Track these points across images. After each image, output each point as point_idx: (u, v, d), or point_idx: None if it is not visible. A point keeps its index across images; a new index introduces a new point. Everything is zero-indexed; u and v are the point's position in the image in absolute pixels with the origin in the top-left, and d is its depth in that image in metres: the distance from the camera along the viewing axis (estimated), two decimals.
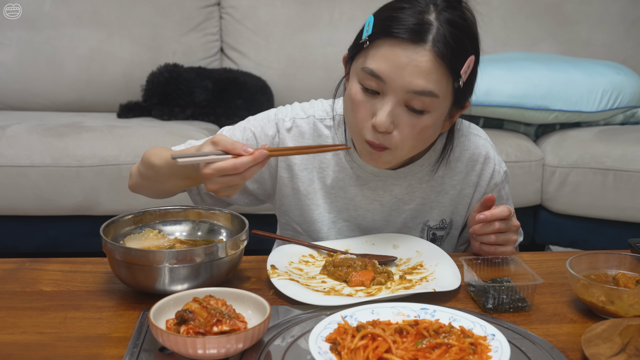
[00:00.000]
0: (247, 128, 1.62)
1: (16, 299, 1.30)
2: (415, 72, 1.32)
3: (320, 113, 1.59)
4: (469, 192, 1.62)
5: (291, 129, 1.58)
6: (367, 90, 1.37)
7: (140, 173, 1.57)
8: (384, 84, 1.35)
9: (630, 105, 3.15)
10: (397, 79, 1.33)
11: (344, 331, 1.06)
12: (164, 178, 1.49)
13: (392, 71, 1.33)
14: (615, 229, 2.97)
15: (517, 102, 3.01)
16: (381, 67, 1.34)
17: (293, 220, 1.65)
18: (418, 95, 1.34)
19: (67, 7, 3.48)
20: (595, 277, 1.32)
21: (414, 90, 1.33)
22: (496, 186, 1.63)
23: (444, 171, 1.59)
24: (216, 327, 1.08)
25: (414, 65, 1.32)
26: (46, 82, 3.46)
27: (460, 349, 1.01)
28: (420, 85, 1.33)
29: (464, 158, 1.60)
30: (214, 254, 1.26)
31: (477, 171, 1.61)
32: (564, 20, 3.68)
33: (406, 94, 1.34)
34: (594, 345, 1.10)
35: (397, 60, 1.33)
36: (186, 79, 3.29)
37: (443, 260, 1.45)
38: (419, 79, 1.33)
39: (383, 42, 1.35)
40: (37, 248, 2.93)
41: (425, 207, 1.61)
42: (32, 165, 2.77)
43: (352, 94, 1.40)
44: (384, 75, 1.34)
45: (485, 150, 1.61)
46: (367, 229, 1.62)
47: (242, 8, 3.60)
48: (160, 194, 1.60)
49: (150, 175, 1.52)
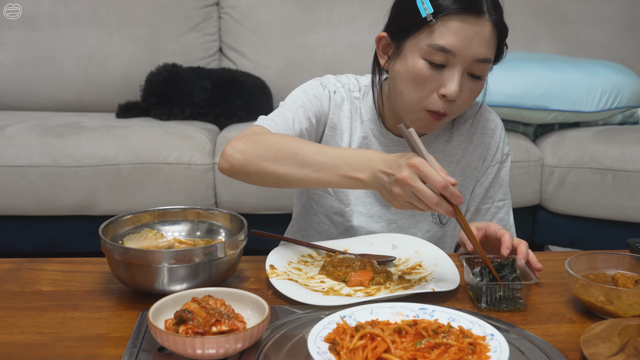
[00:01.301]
0: (307, 92, 1.64)
1: (15, 299, 1.30)
2: (481, 43, 1.43)
3: (351, 85, 1.68)
4: (477, 166, 1.70)
5: (336, 92, 1.66)
6: (433, 65, 1.45)
7: (263, 155, 1.41)
8: (453, 56, 1.43)
9: (629, 105, 3.15)
10: (467, 51, 1.43)
11: (343, 331, 1.06)
12: (320, 167, 1.36)
13: (462, 44, 1.42)
14: (614, 229, 2.97)
15: (516, 102, 3.01)
16: (451, 42, 1.42)
17: None
18: (480, 62, 1.45)
19: (66, 7, 3.48)
20: (594, 277, 1.32)
21: (479, 58, 1.44)
22: (497, 163, 1.71)
23: (457, 142, 1.69)
24: (215, 327, 1.07)
25: (480, 37, 1.43)
26: (45, 82, 3.46)
27: (459, 349, 1.01)
28: (484, 53, 1.44)
29: (474, 131, 1.70)
30: (212, 254, 1.26)
31: (485, 144, 1.70)
32: (563, 21, 3.68)
33: (471, 63, 1.45)
34: (592, 345, 1.10)
35: (466, 34, 1.42)
36: (185, 79, 3.29)
37: (442, 260, 1.45)
38: (483, 48, 1.44)
39: (449, 17, 1.42)
40: (36, 248, 2.93)
41: None
42: (31, 165, 2.77)
43: (417, 69, 1.46)
44: (454, 49, 1.42)
45: (495, 124, 1.72)
46: None
47: (241, 8, 3.60)
48: (280, 181, 1.42)
49: (294, 161, 1.38)
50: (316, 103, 1.62)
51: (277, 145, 1.41)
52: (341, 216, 1.70)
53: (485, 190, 1.71)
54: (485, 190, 1.71)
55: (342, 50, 3.54)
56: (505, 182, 1.73)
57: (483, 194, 1.71)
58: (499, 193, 1.72)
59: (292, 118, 1.55)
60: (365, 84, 1.68)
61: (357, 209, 1.69)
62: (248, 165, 1.42)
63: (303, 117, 1.57)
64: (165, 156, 2.82)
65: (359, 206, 1.69)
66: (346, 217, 1.70)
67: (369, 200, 1.69)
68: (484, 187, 1.71)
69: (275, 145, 1.41)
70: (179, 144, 2.86)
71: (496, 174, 1.71)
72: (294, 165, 1.38)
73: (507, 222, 1.73)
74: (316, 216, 1.73)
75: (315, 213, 1.73)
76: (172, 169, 2.81)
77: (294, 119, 1.55)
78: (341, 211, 1.70)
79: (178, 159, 2.82)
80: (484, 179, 1.70)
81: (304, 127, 1.56)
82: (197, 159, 2.82)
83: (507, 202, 1.73)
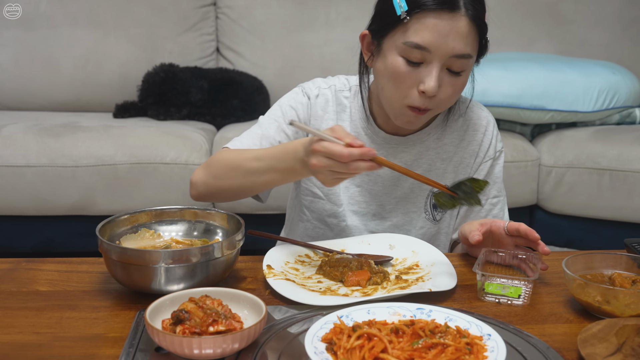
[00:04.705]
0: (282, 105, 1.69)
1: (12, 299, 1.30)
2: (457, 38, 1.43)
3: (339, 85, 1.70)
4: (470, 162, 1.71)
5: (318, 96, 1.68)
6: (410, 62, 1.46)
7: (216, 176, 1.56)
8: (429, 53, 1.44)
9: (626, 105, 3.15)
10: (442, 47, 1.43)
11: (340, 331, 1.06)
12: (263, 170, 1.47)
13: (437, 41, 1.42)
14: (611, 229, 2.97)
15: (513, 102, 3.01)
16: (426, 39, 1.43)
17: (314, 184, 1.71)
18: (458, 58, 1.45)
19: (63, 7, 3.47)
20: (591, 277, 1.32)
21: (456, 54, 1.44)
22: (489, 160, 1.71)
23: (449, 139, 1.70)
24: (212, 327, 1.07)
25: (456, 32, 1.42)
26: (42, 82, 3.46)
27: (456, 349, 1.01)
28: (462, 49, 1.44)
29: (467, 127, 1.70)
30: (210, 253, 1.26)
31: (477, 141, 1.71)
32: (560, 20, 3.68)
33: (449, 59, 1.45)
34: (590, 345, 1.10)
35: (440, 30, 1.42)
36: (182, 78, 3.29)
37: (439, 260, 1.45)
38: (460, 44, 1.43)
39: (423, 15, 1.43)
40: (33, 248, 2.92)
41: (431, 174, 1.68)
42: (28, 165, 2.77)
43: (394, 67, 1.47)
44: (429, 46, 1.43)
45: (487, 121, 1.72)
46: (376, 194, 1.69)
47: (238, 8, 3.60)
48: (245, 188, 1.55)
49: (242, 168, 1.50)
50: (291, 114, 1.66)
51: (223, 163, 1.55)
52: (335, 217, 1.71)
53: None
54: None
55: (339, 50, 3.54)
56: (499, 179, 1.73)
57: None
58: (493, 190, 1.72)
59: (260, 134, 1.63)
60: (355, 83, 1.69)
61: (350, 208, 1.70)
62: (210, 188, 1.57)
63: (275, 132, 1.63)
64: (163, 156, 2.81)
65: (353, 205, 1.70)
66: (340, 218, 1.71)
67: (363, 199, 1.70)
68: None
69: (222, 164, 1.55)
70: (176, 144, 2.86)
71: (489, 171, 1.71)
72: (241, 177, 1.51)
73: (502, 218, 1.73)
74: (309, 222, 1.74)
75: (308, 219, 1.74)
76: (170, 169, 2.81)
77: (262, 136, 1.62)
78: (335, 213, 1.71)
79: (175, 159, 2.81)
80: (476, 176, 1.70)
81: (275, 141, 1.61)
82: (195, 159, 2.82)
83: (501, 199, 1.74)
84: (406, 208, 1.70)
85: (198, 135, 2.96)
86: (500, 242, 1.49)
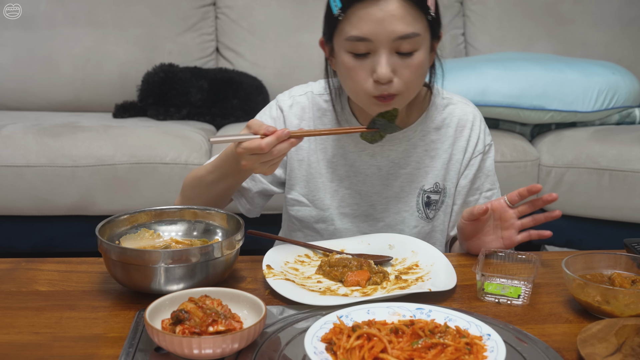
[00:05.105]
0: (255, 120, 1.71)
1: (12, 299, 1.30)
2: (393, 22, 1.44)
3: (317, 89, 1.74)
4: (459, 158, 1.71)
5: (292, 105, 1.71)
6: (358, 55, 1.48)
7: (188, 196, 1.68)
8: (371, 42, 1.46)
9: (626, 105, 3.15)
10: (381, 34, 1.44)
11: (340, 331, 1.06)
12: (218, 179, 1.60)
13: (374, 29, 1.44)
14: (610, 229, 2.97)
15: (512, 102, 3.01)
16: (363, 29, 1.45)
17: (300, 193, 1.72)
18: (403, 39, 1.45)
19: (62, 7, 3.47)
20: (591, 277, 1.32)
21: (398, 36, 1.45)
22: (479, 154, 1.71)
23: (436, 136, 1.70)
24: (212, 327, 1.07)
25: (390, 16, 1.44)
26: (42, 82, 3.45)
27: (455, 349, 1.01)
28: (402, 30, 1.45)
29: (453, 124, 1.71)
30: (209, 253, 1.26)
31: (465, 136, 1.71)
32: (560, 20, 3.68)
33: (393, 43, 1.45)
34: (589, 345, 1.10)
35: (374, 18, 1.44)
36: (182, 78, 3.29)
37: (438, 260, 1.45)
38: (398, 25, 1.44)
39: (356, 8, 1.45)
40: (33, 248, 2.92)
41: (420, 171, 1.69)
42: (27, 165, 2.77)
43: (345, 63, 1.51)
44: (368, 36, 1.45)
45: (473, 116, 1.73)
46: (366, 195, 1.70)
47: (238, 8, 3.60)
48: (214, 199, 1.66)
49: (203, 183, 1.63)
50: None
51: (188, 184, 1.67)
52: (323, 222, 1.72)
53: (470, 182, 1.71)
54: (470, 182, 1.71)
55: None
56: (491, 172, 1.74)
57: (469, 186, 1.71)
58: (486, 183, 1.73)
59: None
60: (336, 85, 1.71)
61: (342, 210, 1.71)
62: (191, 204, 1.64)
63: None
64: (162, 156, 2.81)
65: (344, 208, 1.71)
66: (328, 222, 1.72)
67: (354, 201, 1.71)
68: (468, 179, 1.71)
69: (188, 185, 1.67)
70: (176, 144, 2.86)
71: (480, 166, 1.71)
72: (205, 191, 1.63)
73: None
74: (300, 231, 1.75)
75: (298, 228, 1.75)
76: (169, 169, 2.81)
77: None
78: (322, 218, 1.72)
79: (175, 159, 2.81)
80: (467, 171, 1.71)
81: None
82: (194, 159, 2.82)
83: (495, 192, 1.74)
84: (398, 207, 1.70)
85: (198, 135, 2.96)
86: (503, 217, 1.53)
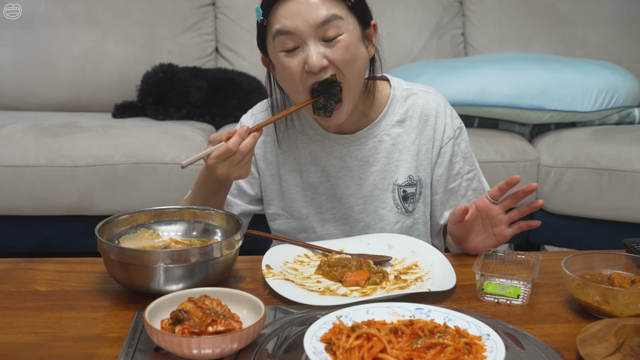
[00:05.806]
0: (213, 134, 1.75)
1: (11, 299, 1.30)
2: (311, 10, 1.47)
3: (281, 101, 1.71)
4: (429, 148, 1.69)
5: (254, 123, 1.72)
6: (289, 52, 1.50)
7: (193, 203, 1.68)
8: (296, 35, 1.48)
9: (625, 105, 3.15)
10: (303, 24, 1.47)
11: (339, 331, 1.06)
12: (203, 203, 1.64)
13: (295, 20, 1.47)
14: (610, 228, 2.97)
15: (512, 102, 3.01)
16: (286, 23, 1.48)
17: (278, 207, 1.74)
18: (325, 25, 1.47)
19: (62, 7, 3.47)
20: (590, 277, 1.32)
21: (319, 22, 1.47)
22: (450, 140, 1.69)
23: (400, 129, 1.69)
24: (211, 327, 1.07)
25: (307, 5, 1.47)
26: (41, 82, 3.46)
27: (455, 349, 1.01)
28: (323, 15, 1.47)
29: (416, 114, 1.69)
30: (209, 254, 1.26)
31: (431, 125, 1.69)
32: (559, 20, 3.68)
33: (317, 30, 1.47)
34: (589, 345, 1.10)
35: (293, 11, 1.47)
36: (181, 78, 3.29)
37: (438, 260, 1.45)
38: (317, 11, 1.47)
39: (275, 8, 1.49)
40: (32, 248, 2.92)
41: (390, 166, 1.68)
42: (27, 165, 2.76)
43: (280, 63, 1.52)
44: (291, 28, 1.47)
45: (436, 104, 1.70)
46: (342, 197, 1.69)
47: (237, 8, 3.60)
48: None
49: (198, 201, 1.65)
50: None
51: None
52: (305, 232, 1.73)
53: (446, 169, 1.69)
54: (446, 169, 1.69)
55: None
56: (468, 154, 1.72)
57: (447, 174, 1.70)
58: (465, 166, 1.71)
59: None
60: None
61: (322, 217, 1.71)
62: None
63: None
64: (162, 156, 2.81)
65: (324, 213, 1.71)
66: (310, 231, 1.72)
67: (331, 205, 1.71)
68: (444, 167, 1.69)
69: None
70: (175, 143, 2.86)
71: (454, 150, 1.69)
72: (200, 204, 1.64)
73: (483, 189, 1.73)
74: (287, 244, 1.74)
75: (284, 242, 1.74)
76: (169, 169, 2.81)
77: None
78: (302, 227, 1.72)
79: (174, 159, 2.81)
80: (441, 159, 1.69)
81: None
82: None
83: (476, 172, 1.73)
84: (374, 206, 1.69)
85: (197, 135, 2.96)
86: (490, 215, 1.53)
